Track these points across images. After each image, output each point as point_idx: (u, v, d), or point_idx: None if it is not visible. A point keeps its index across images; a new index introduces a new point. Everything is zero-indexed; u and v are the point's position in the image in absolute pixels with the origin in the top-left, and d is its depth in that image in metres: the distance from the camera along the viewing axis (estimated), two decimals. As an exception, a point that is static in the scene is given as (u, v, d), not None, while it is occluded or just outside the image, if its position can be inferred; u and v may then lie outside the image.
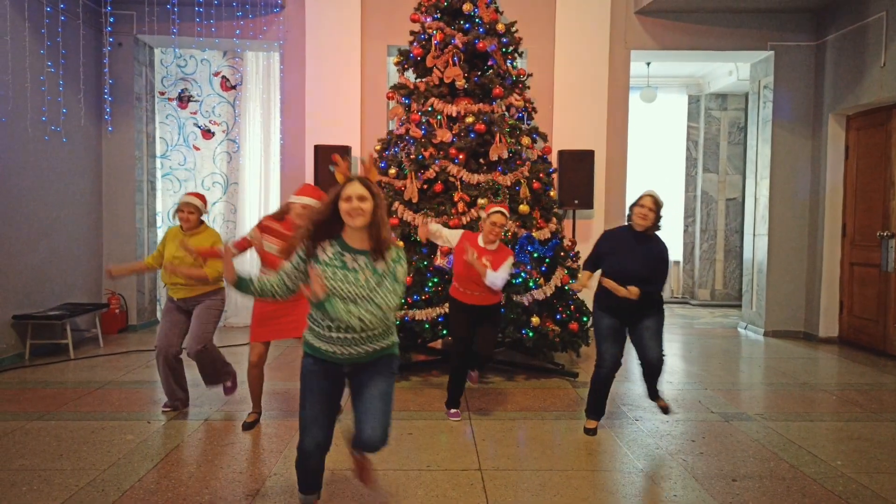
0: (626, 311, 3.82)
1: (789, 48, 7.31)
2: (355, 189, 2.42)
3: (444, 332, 5.22)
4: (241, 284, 2.51)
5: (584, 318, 5.56)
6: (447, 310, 4.98)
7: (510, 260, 4.15)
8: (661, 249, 3.87)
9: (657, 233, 3.91)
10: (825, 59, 7.12)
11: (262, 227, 3.88)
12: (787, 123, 7.35)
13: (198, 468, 3.38)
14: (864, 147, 6.78)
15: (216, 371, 4.38)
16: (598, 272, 3.94)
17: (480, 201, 5.26)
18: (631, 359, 4.36)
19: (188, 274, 3.98)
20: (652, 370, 3.93)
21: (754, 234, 7.71)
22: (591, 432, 3.98)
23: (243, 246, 3.88)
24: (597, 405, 4.02)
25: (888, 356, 6.33)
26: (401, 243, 5.25)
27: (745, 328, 7.84)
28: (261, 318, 3.92)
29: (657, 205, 3.81)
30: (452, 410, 4.30)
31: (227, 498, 3.02)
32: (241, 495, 3.06)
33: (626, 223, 3.96)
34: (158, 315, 7.78)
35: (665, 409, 4.10)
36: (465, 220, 5.27)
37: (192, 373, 4.42)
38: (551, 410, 4.50)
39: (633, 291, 3.64)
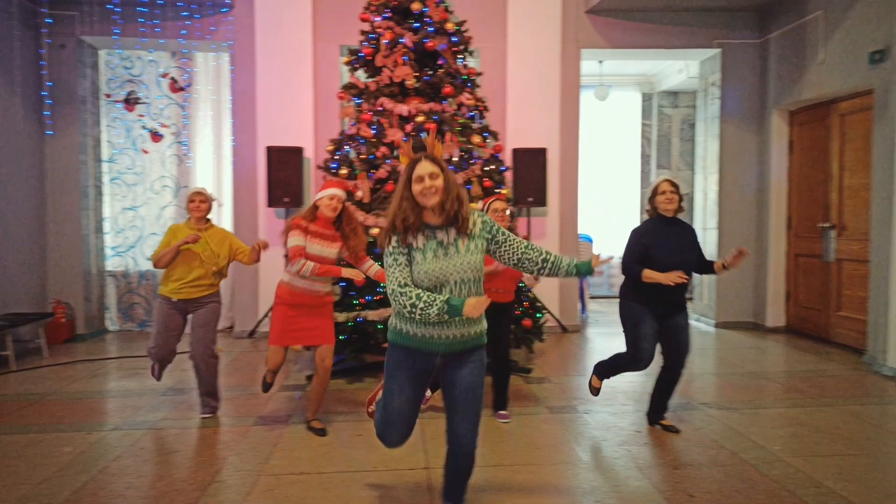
0: (664, 305, 3.78)
1: (735, 46, 7.48)
2: (426, 168, 2.39)
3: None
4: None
5: (539, 315, 5.60)
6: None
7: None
8: (690, 229, 3.93)
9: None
10: (769, 57, 7.31)
11: (305, 230, 3.78)
12: (734, 119, 7.53)
13: (138, 478, 3.30)
14: (807, 141, 6.99)
15: (215, 382, 4.30)
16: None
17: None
18: (579, 355, 4.40)
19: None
20: (675, 373, 3.90)
21: (704, 229, 7.88)
22: (595, 391, 4.10)
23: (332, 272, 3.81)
24: (610, 368, 4.01)
25: (831, 343, 6.53)
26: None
27: (697, 320, 8.00)
28: (286, 323, 3.87)
29: (676, 186, 3.83)
30: (501, 412, 4.26)
31: (166, 506, 2.96)
32: (182, 503, 3.00)
33: (650, 215, 3.92)
34: (108, 324, 7.60)
35: (670, 428, 3.99)
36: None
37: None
38: (502, 407, 4.52)
39: (671, 277, 3.58)
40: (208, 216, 4.23)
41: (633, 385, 5.08)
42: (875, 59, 5.61)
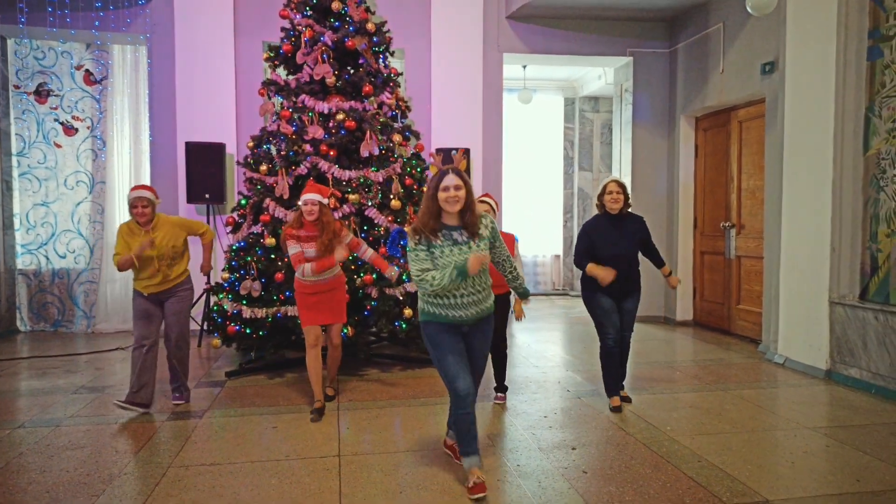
0: (617, 290, 4.22)
1: (646, 55, 7.90)
2: (452, 180, 2.92)
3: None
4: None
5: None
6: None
7: (517, 245, 4.46)
8: (640, 220, 4.38)
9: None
10: (677, 65, 7.76)
11: (297, 238, 4.18)
12: (646, 124, 7.95)
13: (41, 474, 3.25)
14: (711, 146, 7.46)
15: (186, 371, 4.48)
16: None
17: (351, 197, 5.35)
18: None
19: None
20: (623, 353, 4.39)
21: (620, 227, 8.26)
22: (617, 409, 4.27)
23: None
24: (615, 379, 4.36)
25: (733, 335, 7.00)
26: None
27: (614, 315, 8.38)
28: (307, 304, 4.28)
29: (622, 186, 4.26)
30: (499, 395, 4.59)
31: (68, 502, 2.94)
32: (83, 496, 2.98)
33: (599, 212, 4.35)
34: (18, 323, 7.30)
35: (626, 399, 4.47)
36: (337, 214, 5.34)
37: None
38: (420, 398, 4.66)
39: (610, 273, 4.09)
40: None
41: (546, 374, 5.31)
42: (766, 69, 6.07)
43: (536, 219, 10.41)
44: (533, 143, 10.47)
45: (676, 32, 7.75)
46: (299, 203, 4.26)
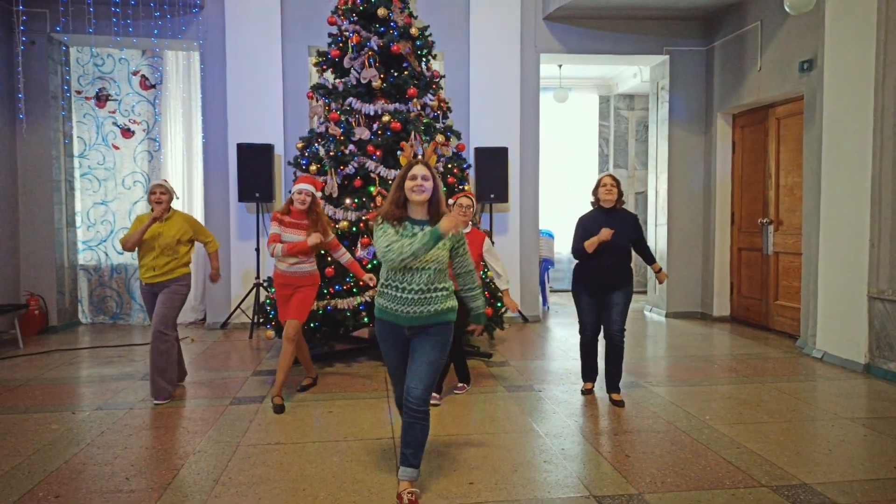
0: (600, 286, 4.37)
1: (682, 52, 7.97)
2: (419, 170, 2.88)
3: (367, 319, 5.50)
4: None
5: (499, 304, 5.96)
6: (368, 299, 5.30)
7: (487, 242, 4.65)
8: (632, 217, 4.49)
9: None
10: (714, 63, 7.82)
11: (280, 222, 4.41)
12: (682, 122, 8.02)
13: (124, 450, 3.55)
14: (748, 143, 7.51)
15: (164, 365, 4.44)
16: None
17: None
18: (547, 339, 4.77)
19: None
20: (612, 344, 4.39)
21: (656, 224, 8.36)
22: (587, 392, 4.58)
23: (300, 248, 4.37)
24: (588, 368, 4.61)
25: (770, 330, 7.06)
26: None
27: (650, 311, 8.49)
28: (281, 301, 4.49)
29: (616, 180, 4.43)
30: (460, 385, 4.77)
31: (152, 473, 3.23)
32: (165, 469, 3.26)
33: (594, 206, 4.54)
34: (80, 316, 7.73)
35: (619, 403, 4.37)
36: (383, 213, 5.58)
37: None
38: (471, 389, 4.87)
39: (604, 234, 4.22)
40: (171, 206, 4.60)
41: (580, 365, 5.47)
42: (804, 67, 6.12)
43: (573, 216, 10.49)
44: (569, 141, 10.59)
45: (713, 31, 7.81)
46: (292, 191, 4.46)
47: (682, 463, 3.33)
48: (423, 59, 6.20)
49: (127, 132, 7.79)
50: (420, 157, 3.27)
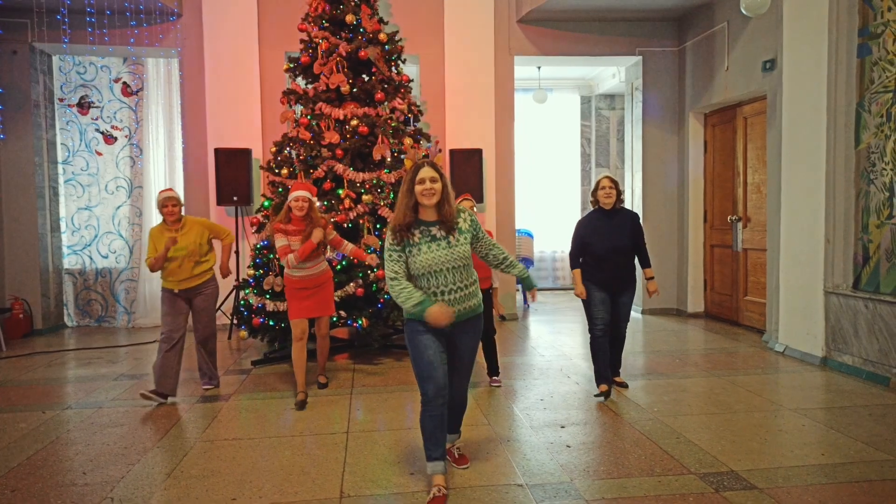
0: (613, 285, 4.48)
1: (655, 53, 8.09)
2: (428, 172, 2.88)
3: (349, 321, 5.61)
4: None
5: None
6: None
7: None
8: (632, 216, 4.57)
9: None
10: (685, 63, 7.94)
11: (284, 232, 4.47)
12: (656, 121, 8.14)
13: (86, 447, 3.69)
14: (719, 142, 7.62)
15: (214, 362, 4.95)
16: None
17: (365, 198, 5.71)
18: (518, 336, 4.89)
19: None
20: (616, 336, 4.63)
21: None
22: (604, 395, 4.42)
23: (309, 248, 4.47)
24: (602, 368, 4.48)
25: (740, 326, 7.17)
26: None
27: (628, 308, 8.59)
28: (296, 297, 4.57)
29: (615, 182, 4.50)
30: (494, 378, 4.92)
31: (109, 468, 3.37)
32: (122, 464, 3.41)
33: (594, 207, 4.58)
34: (66, 319, 7.88)
35: (623, 385, 4.73)
36: (351, 215, 5.72)
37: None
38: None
39: (579, 293, 4.47)
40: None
41: (551, 363, 5.61)
42: (767, 67, 6.24)
43: (556, 215, 10.64)
44: (551, 141, 10.71)
45: (684, 31, 7.92)
46: (289, 199, 4.49)
47: (620, 452, 3.46)
48: (393, 64, 6.33)
49: (109, 138, 7.95)
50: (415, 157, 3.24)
